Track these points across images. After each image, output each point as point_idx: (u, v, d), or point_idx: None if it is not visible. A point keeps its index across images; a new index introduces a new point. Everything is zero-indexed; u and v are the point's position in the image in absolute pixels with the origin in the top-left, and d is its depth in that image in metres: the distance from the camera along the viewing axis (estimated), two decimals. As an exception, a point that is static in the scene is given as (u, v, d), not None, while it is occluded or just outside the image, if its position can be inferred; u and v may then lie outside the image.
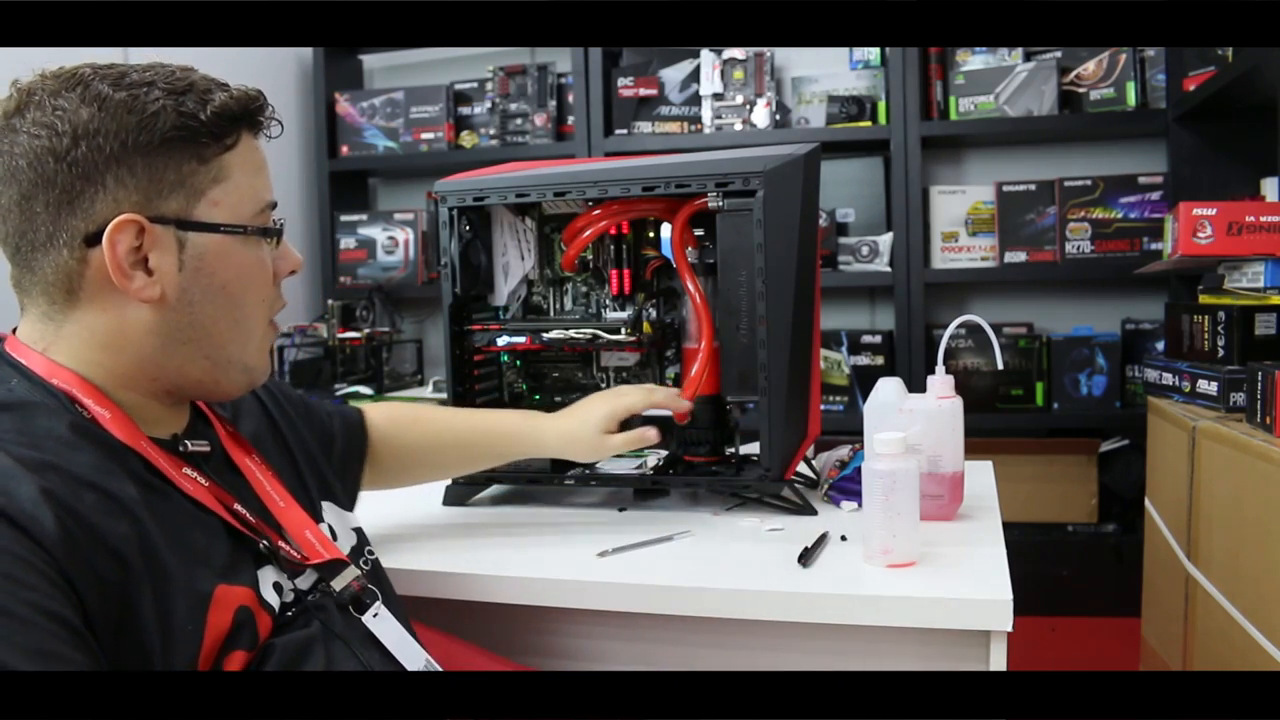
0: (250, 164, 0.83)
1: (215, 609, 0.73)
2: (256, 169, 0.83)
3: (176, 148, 0.77)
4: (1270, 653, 1.24)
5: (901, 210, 2.65)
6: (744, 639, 1.07)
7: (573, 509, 1.36)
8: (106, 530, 0.68)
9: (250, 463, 0.89)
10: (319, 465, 1.03)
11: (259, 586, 0.79)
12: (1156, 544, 1.85)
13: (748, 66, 2.73)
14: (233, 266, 0.81)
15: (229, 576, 0.76)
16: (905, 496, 1.04)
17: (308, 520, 0.88)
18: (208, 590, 0.73)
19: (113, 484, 0.71)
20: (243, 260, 0.81)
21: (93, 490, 0.70)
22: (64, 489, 0.68)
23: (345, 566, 0.87)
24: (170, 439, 0.82)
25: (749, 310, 1.25)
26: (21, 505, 0.65)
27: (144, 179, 0.75)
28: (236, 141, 0.81)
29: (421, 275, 3.04)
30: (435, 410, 1.31)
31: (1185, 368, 1.70)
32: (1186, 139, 2.46)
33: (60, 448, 0.71)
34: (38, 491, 0.66)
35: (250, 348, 0.84)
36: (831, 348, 2.75)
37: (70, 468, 0.70)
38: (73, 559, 0.65)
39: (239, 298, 0.82)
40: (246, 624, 0.75)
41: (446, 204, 1.37)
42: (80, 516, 0.67)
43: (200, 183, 0.78)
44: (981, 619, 0.96)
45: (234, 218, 0.80)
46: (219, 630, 0.73)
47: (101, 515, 0.69)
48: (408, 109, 3.02)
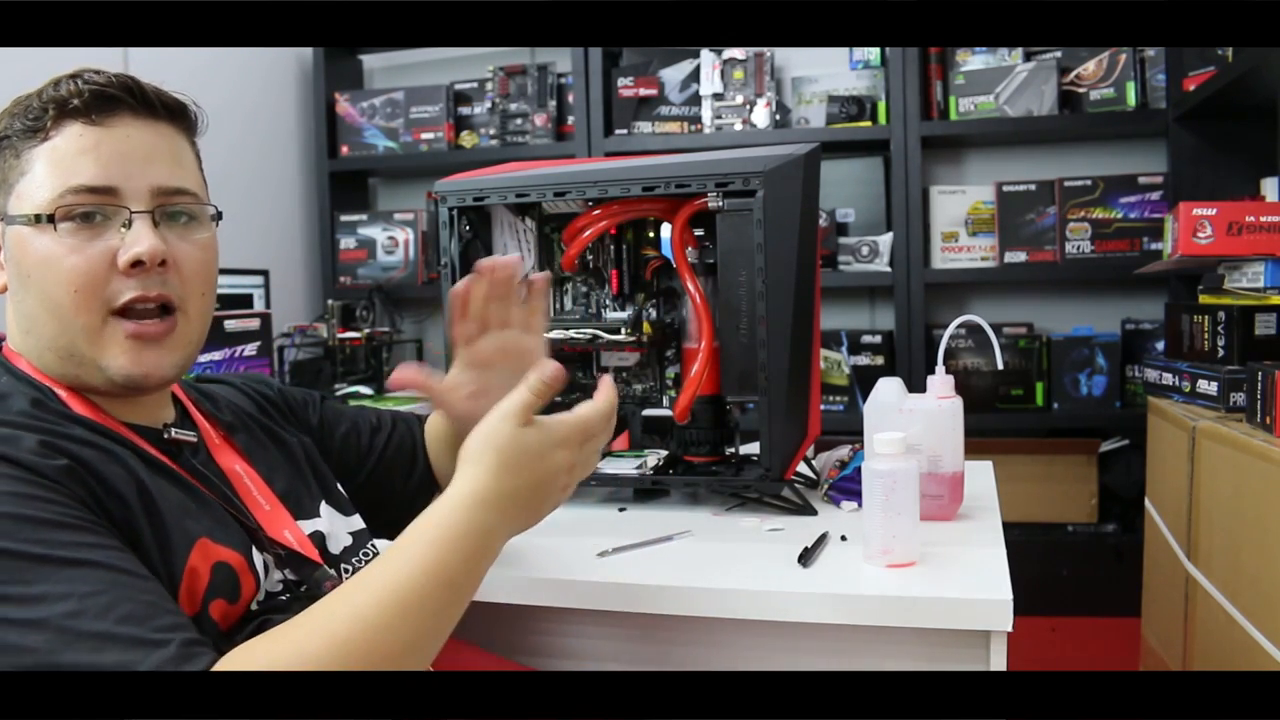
0: (63, 152, 0.80)
1: (196, 555, 0.77)
2: (73, 156, 0.80)
3: (5, 148, 0.82)
4: (1270, 653, 1.24)
5: (901, 210, 2.65)
6: (744, 639, 1.07)
7: (573, 509, 1.36)
8: (107, 473, 0.75)
9: (237, 468, 0.91)
10: (324, 466, 1.03)
11: (250, 556, 0.82)
12: (1156, 544, 1.85)
13: (748, 66, 2.73)
14: (30, 256, 0.80)
15: (216, 536, 0.80)
16: (905, 496, 1.04)
17: (290, 523, 0.90)
18: (193, 537, 0.78)
19: (107, 444, 0.78)
20: (40, 250, 0.79)
21: (89, 447, 0.76)
22: (64, 443, 0.75)
23: (318, 568, 0.88)
24: (156, 429, 0.86)
25: (749, 310, 1.25)
26: (25, 454, 0.71)
27: None
28: (54, 132, 0.80)
29: (421, 275, 3.04)
30: None
31: (1185, 368, 1.70)
32: (1186, 139, 2.46)
33: (52, 422, 0.77)
34: (39, 444, 0.73)
35: (81, 341, 0.80)
36: (831, 348, 2.75)
37: (67, 432, 0.77)
38: (84, 490, 0.72)
39: (44, 288, 0.80)
40: (229, 578, 0.79)
41: (446, 204, 1.37)
42: (83, 461, 0.74)
43: (12, 177, 0.82)
44: (981, 619, 0.96)
45: (30, 208, 0.80)
46: (200, 576, 0.77)
47: (101, 463, 0.75)
48: (408, 109, 3.02)
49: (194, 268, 0.84)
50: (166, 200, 0.82)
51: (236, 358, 2.11)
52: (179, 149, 0.86)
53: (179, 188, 0.83)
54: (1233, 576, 1.42)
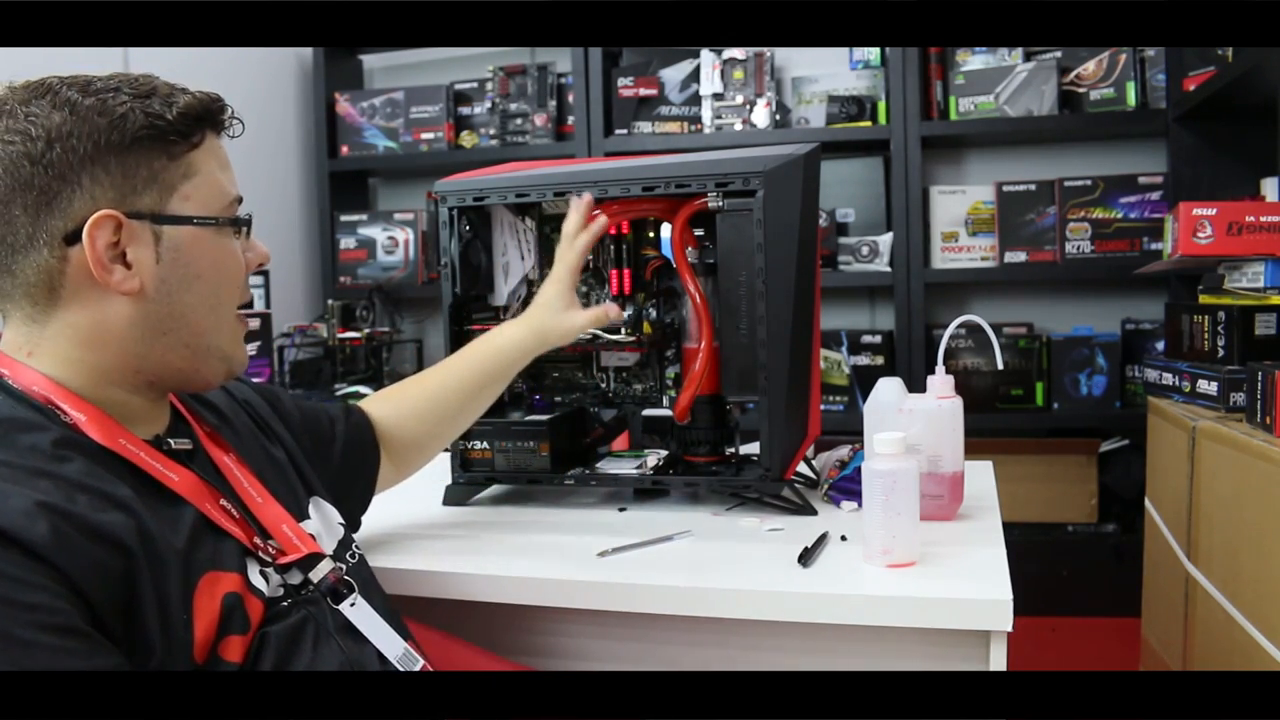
0: (216, 161, 0.86)
1: (204, 594, 0.76)
2: (222, 165, 0.87)
3: (146, 146, 0.80)
4: (1270, 653, 1.24)
5: (901, 210, 2.65)
6: (744, 639, 1.07)
7: (573, 509, 1.36)
8: (102, 523, 0.71)
9: (228, 461, 0.91)
10: (307, 465, 1.04)
11: (247, 573, 0.81)
12: (1156, 544, 1.85)
13: (748, 66, 2.73)
14: (206, 257, 0.84)
15: (217, 564, 0.79)
16: (905, 496, 1.04)
17: (286, 516, 0.90)
18: (197, 576, 0.77)
19: (105, 485, 0.74)
20: (215, 251, 0.85)
21: (85, 491, 0.73)
22: (56, 493, 0.70)
23: (321, 559, 0.89)
24: (154, 439, 0.85)
25: (749, 310, 1.25)
26: (12, 518, 0.67)
27: (118, 176, 0.79)
28: (202, 140, 0.84)
29: (421, 275, 3.04)
30: (417, 376, 1.31)
31: (1185, 368, 1.70)
32: (1186, 139, 2.46)
33: (48, 461, 0.74)
34: (29, 502, 0.68)
35: (225, 336, 0.87)
36: (831, 348, 2.75)
37: (62, 474, 0.73)
38: (71, 560, 0.67)
39: (214, 286, 0.85)
40: (236, 609, 0.78)
41: (446, 204, 1.37)
42: (75, 516, 0.70)
43: (171, 178, 0.82)
44: (981, 619, 0.96)
45: (205, 210, 0.84)
46: (210, 616, 0.76)
47: (97, 511, 0.72)
48: (408, 109, 3.02)
49: None
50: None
51: (236, 358, 2.10)
52: None
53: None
54: (1233, 576, 1.42)
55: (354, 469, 1.15)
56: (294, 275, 3.08)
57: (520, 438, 1.37)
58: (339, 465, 1.13)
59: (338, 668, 0.84)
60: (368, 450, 1.18)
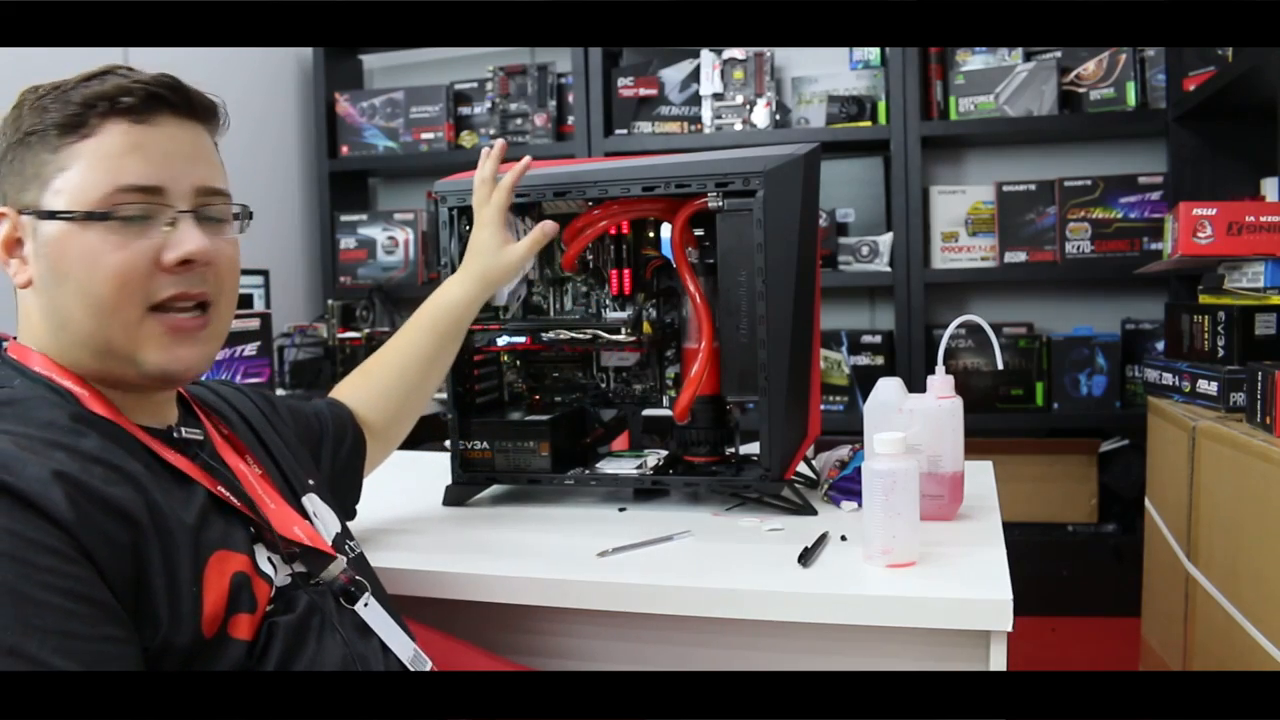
0: (109, 150, 0.80)
1: (214, 571, 0.77)
2: (120, 154, 0.80)
3: (35, 142, 0.81)
4: (1270, 653, 1.24)
5: (901, 210, 2.65)
6: (744, 639, 1.07)
7: (573, 509, 1.36)
8: (114, 496, 0.72)
9: (243, 467, 0.91)
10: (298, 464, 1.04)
11: (255, 557, 0.82)
12: (1156, 544, 1.85)
13: (748, 66, 2.73)
14: (73, 254, 0.79)
15: (226, 544, 0.80)
16: (905, 496, 1.04)
17: (298, 518, 0.90)
18: (207, 553, 0.77)
19: (118, 459, 0.76)
20: (85, 247, 0.79)
21: (99, 464, 0.74)
22: (72, 464, 0.72)
23: (333, 559, 0.89)
24: (165, 429, 0.86)
25: (749, 310, 1.25)
26: (30, 483, 0.68)
27: (12, 173, 0.82)
28: (97, 129, 0.80)
29: (421, 275, 3.04)
30: (376, 354, 1.33)
31: (1185, 368, 1.70)
32: (1186, 139, 2.46)
33: (65, 435, 0.75)
34: (46, 471, 0.69)
35: (122, 338, 0.81)
36: (831, 348, 2.75)
37: (78, 447, 0.74)
38: (85, 528, 0.69)
39: (85, 285, 0.79)
40: (244, 587, 0.79)
41: (446, 204, 1.37)
42: (89, 487, 0.71)
43: (48, 173, 0.80)
44: (981, 619, 0.96)
45: (74, 204, 0.79)
46: (219, 591, 0.77)
47: (109, 484, 0.73)
48: (408, 109, 3.02)
49: (228, 266, 0.86)
50: (207, 201, 0.84)
51: (236, 358, 2.10)
52: (212, 149, 0.87)
53: (217, 188, 0.86)
54: (1233, 576, 1.42)
55: (347, 462, 1.17)
56: (294, 275, 3.08)
57: (520, 437, 1.37)
58: (334, 462, 1.14)
59: (340, 660, 0.84)
60: (357, 442, 1.19)
